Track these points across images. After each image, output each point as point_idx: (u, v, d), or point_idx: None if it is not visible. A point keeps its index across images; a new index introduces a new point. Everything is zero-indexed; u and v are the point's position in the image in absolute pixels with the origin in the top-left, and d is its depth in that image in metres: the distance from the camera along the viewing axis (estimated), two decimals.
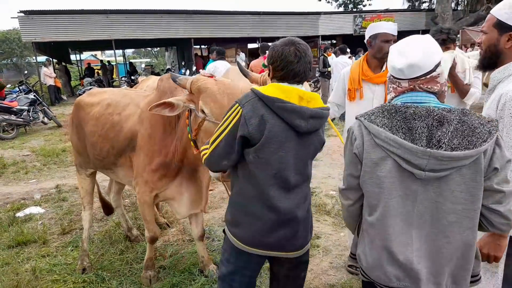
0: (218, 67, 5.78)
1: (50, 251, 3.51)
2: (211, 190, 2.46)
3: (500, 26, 1.67)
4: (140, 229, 3.86)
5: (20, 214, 4.41)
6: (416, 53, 1.36)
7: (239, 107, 1.55)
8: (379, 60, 2.71)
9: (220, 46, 6.93)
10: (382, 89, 2.72)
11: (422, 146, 1.27)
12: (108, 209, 3.77)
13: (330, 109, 2.83)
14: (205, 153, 1.68)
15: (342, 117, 9.55)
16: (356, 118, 1.47)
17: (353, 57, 10.68)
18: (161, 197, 2.77)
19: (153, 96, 2.69)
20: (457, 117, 1.28)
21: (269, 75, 1.70)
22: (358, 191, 1.50)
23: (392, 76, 1.46)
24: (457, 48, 3.36)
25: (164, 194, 2.71)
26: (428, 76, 1.37)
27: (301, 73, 1.59)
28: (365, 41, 2.74)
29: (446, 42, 3.11)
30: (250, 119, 1.52)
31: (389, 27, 2.62)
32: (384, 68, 2.73)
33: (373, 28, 2.63)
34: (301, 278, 1.90)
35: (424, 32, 20.64)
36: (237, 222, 1.71)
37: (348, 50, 9.83)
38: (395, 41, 2.60)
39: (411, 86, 1.39)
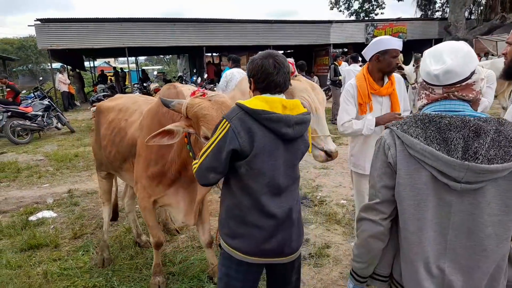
0: (235, 74, 6.12)
1: (62, 255, 3.55)
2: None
3: None
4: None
5: (32, 218, 4.47)
6: (453, 59, 1.31)
7: (227, 122, 1.59)
8: (388, 74, 2.78)
9: (233, 54, 7.08)
10: (388, 100, 2.81)
11: (457, 157, 1.23)
12: (114, 214, 3.87)
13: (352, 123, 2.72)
14: (194, 168, 1.73)
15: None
16: (386, 127, 1.44)
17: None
18: (160, 203, 2.80)
19: (153, 105, 2.72)
20: (493, 127, 1.24)
21: (250, 87, 1.75)
22: (393, 203, 1.43)
23: (425, 82, 1.41)
24: None
25: (162, 200, 2.74)
26: (463, 84, 1.32)
27: (281, 83, 1.66)
28: (367, 54, 2.75)
29: None
30: (240, 132, 1.56)
31: (397, 43, 2.67)
32: (387, 80, 2.80)
33: (382, 44, 2.66)
34: (295, 282, 1.93)
35: (437, 41, 20.53)
36: (235, 233, 1.73)
37: (360, 58, 9.82)
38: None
39: (445, 94, 1.35)
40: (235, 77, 5.95)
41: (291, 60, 2.79)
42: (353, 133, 2.77)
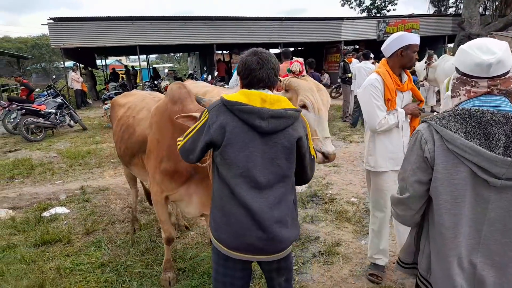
0: None
1: (74, 250, 3.61)
2: None
3: None
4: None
5: (46, 213, 4.55)
6: (500, 50, 1.32)
7: (207, 112, 1.71)
8: (405, 69, 2.85)
9: (242, 52, 7.08)
10: (408, 95, 2.92)
11: (499, 153, 1.23)
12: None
13: (385, 118, 2.73)
14: (179, 144, 1.88)
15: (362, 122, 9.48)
16: (423, 121, 1.44)
17: (376, 63, 10.53)
18: (172, 199, 2.84)
19: (162, 103, 2.76)
20: None
21: (240, 84, 1.82)
22: (423, 198, 1.44)
23: (467, 76, 1.39)
24: None
25: (174, 196, 2.78)
26: (507, 76, 1.33)
27: (264, 79, 1.72)
28: (389, 50, 2.76)
29: None
30: (213, 124, 1.66)
31: (417, 38, 2.74)
32: (405, 75, 2.88)
33: (405, 39, 2.71)
34: (284, 283, 1.91)
35: (450, 37, 20.22)
36: (218, 225, 1.76)
37: (372, 55, 9.75)
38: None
39: (488, 89, 1.34)
40: None
41: (300, 59, 2.80)
42: (388, 129, 2.78)
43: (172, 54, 48.87)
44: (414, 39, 2.71)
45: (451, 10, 26.24)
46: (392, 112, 2.77)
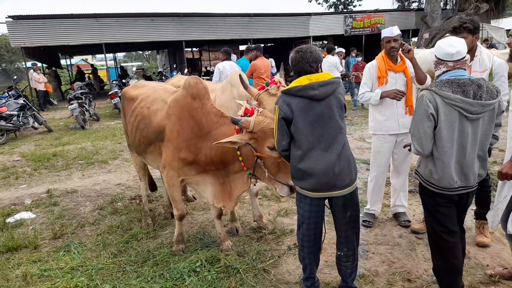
0: (225, 67, 6.36)
1: (42, 256, 3.45)
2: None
3: None
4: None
5: (10, 219, 4.33)
6: (459, 45, 2.27)
7: (276, 105, 2.33)
8: (388, 55, 3.50)
9: (212, 48, 7.09)
10: (403, 76, 3.52)
11: (472, 99, 2.16)
12: (152, 186, 4.47)
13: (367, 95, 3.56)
14: (275, 142, 2.44)
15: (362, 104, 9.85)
16: (424, 89, 2.27)
17: (341, 57, 10.58)
18: (187, 182, 3.26)
19: (180, 96, 3.04)
20: (485, 84, 2.21)
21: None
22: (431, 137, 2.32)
23: (441, 59, 2.30)
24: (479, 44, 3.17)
25: (190, 180, 3.17)
26: (462, 60, 2.28)
27: (304, 69, 2.33)
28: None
29: (456, 30, 3.01)
30: (282, 106, 2.29)
31: (388, 32, 3.44)
32: (399, 60, 3.53)
33: (382, 33, 3.50)
34: (349, 218, 2.50)
35: (414, 31, 20.82)
36: (293, 175, 2.44)
37: (342, 50, 9.93)
38: (395, 40, 3.41)
39: (455, 66, 2.27)
40: (226, 69, 6.25)
41: (280, 80, 2.96)
42: (366, 102, 3.63)
43: (141, 52, 47.77)
44: (386, 32, 3.44)
45: (414, 5, 27.01)
46: (377, 90, 3.49)
